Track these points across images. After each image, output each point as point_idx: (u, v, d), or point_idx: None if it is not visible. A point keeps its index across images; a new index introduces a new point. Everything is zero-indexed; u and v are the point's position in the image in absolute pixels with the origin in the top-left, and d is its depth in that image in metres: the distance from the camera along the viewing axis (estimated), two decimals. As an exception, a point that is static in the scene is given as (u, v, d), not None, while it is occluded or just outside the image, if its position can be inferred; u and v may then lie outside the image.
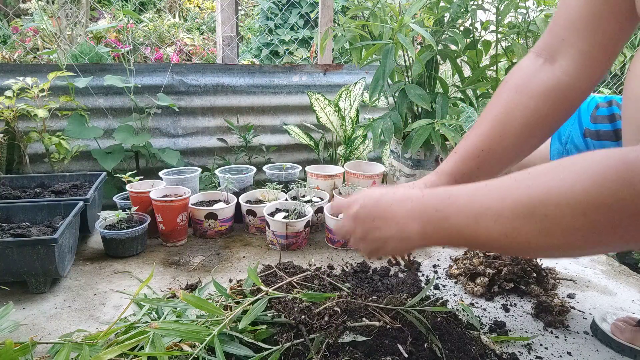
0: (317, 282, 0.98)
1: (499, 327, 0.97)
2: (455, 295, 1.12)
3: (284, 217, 1.35)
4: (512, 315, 1.04)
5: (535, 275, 1.13)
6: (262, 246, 1.38)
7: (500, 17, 1.38)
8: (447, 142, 1.36)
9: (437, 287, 1.15)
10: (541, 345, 0.92)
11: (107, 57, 2.17)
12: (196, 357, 0.71)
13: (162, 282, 1.14)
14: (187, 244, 1.39)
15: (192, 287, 1.09)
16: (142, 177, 1.48)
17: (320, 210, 1.46)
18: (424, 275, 1.22)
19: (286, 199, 1.47)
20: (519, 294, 1.13)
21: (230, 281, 1.15)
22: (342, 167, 1.65)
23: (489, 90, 1.45)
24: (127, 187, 1.39)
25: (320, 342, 0.75)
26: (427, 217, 0.58)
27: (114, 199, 1.46)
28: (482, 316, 1.02)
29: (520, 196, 0.48)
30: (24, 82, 1.48)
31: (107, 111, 1.75)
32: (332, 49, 2.08)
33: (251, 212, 1.45)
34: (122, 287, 1.11)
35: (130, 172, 1.47)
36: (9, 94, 1.46)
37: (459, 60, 1.46)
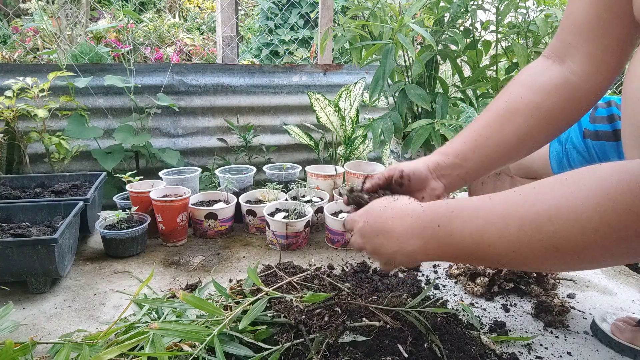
0: (317, 282, 0.98)
1: (499, 327, 0.97)
2: (455, 295, 1.12)
3: (284, 217, 1.35)
4: (512, 315, 1.04)
5: (535, 275, 1.13)
6: (262, 246, 1.38)
7: (500, 17, 1.38)
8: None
9: (437, 287, 1.15)
10: (541, 345, 0.92)
11: (107, 57, 2.17)
12: (196, 357, 0.71)
13: (162, 282, 1.14)
14: (187, 244, 1.39)
15: (192, 287, 1.09)
16: (142, 177, 1.48)
17: (320, 210, 1.46)
18: (424, 275, 1.22)
19: (286, 199, 1.47)
20: (519, 294, 1.13)
21: (230, 281, 1.15)
22: (342, 167, 1.65)
23: (489, 90, 1.45)
24: (127, 187, 1.39)
25: (320, 342, 0.75)
26: (429, 234, 0.57)
27: (114, 199, 1.46)
28: (482, 316, 1.02)
29: (526, 212, 0.47)
30: (24, 82, 1.48)
31: (107, 111, 1.75)
32: (332, 49, 2.08)
33: (251, 212, 1.45)
34: (122, 287, 1.11)
35: (130, 172, 1.47)
36: (9, 94, 1.46)
37: (459, 60, 1.46)
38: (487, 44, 1.49)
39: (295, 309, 0.83)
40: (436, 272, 1.23)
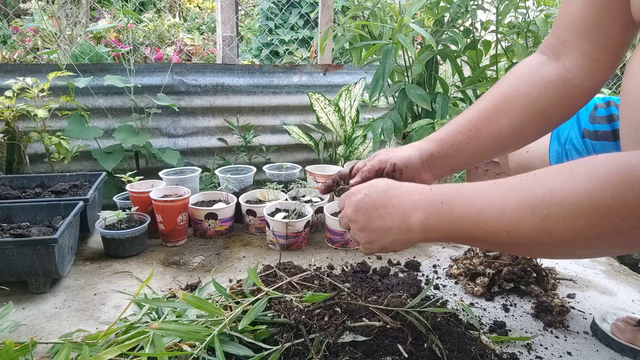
0: (317, 282, 0.98)
1: (499, 327, 0.97)
2: (455, 295, 1.12)
3: (284, 217, 1.35)
4: (512, 315, 1.04)
5: (535, 275, 1.13)
6: (262, 246, 1.38)
7: (500, 17, 1.38)
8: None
9: (437, 287, 1.15)
10: (541, 345, 0.92)
11: (107, 57, 2.17)
12: (196, 357, 0.71)
13: (162, 282, 1.14)
14: (187, 244, 1.39)
15: (192, 287, 1.09)
16: (142, 177, 1.48)
17: (320, 210, 1.46)
18: (424, 275, 1.22)
19: (286, 199, 1.47)
20: (519, 294, 1.13)
21: (230, 281, 1.15)
22: (343, 167, 1.65)
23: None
24: (127, 187, 1.39)
25: (320, 342, 0.75)
26: (431, 208, 0.59)
27: (114, 199, 1.46)
28: (482, 316, 1.02)
29: (523, 194, 0.49)
30: (24, 82, 1.48)
31: (107, 111, 1.75)
32: (332, 49, 2.08)
33: (251, 212, 1.45)
34: (122, 287, 1.11)
35: (130, 172, 1.47)
36: (9, 94, 1.46)
37: (459, 60, 1.46)
38: (487, 44, 1.49)
39: (295, 309, 0.83)
40: (436, 272, 1.23)
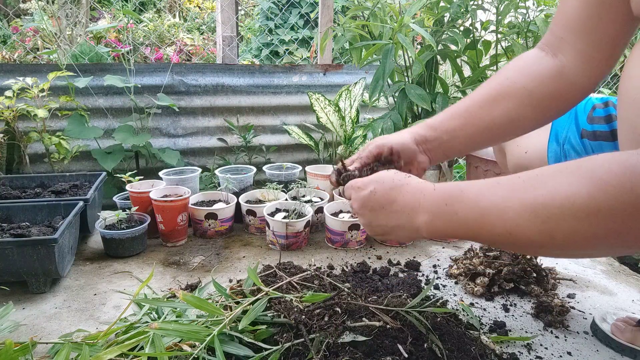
0: (317, 282, 0.98)
1: (499, 327, 0.97)
2: (455, 295, 1.12)
3: (284, 217, 1.35)
4: (512, 315, 1.04)
5: (535, 275, 1.13)
6: (262, 246, 1.38)
7: (500, 17, 1.38)
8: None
9: (437, 287, 1.15)
10: (541, 345, 0.92)
11: (107, 57, 2.17)
12: (196, 357, 0.71)
13: (162, 282, 1.14)
14: (187, 244, 1.39)
15: (192, 287, 1.09)
16: (142, 177, 1.48)
17: (320, 210, 1.46)
18: (424, 275, 1.22)
19: (286, 199, 1.47)
20: (519, 294, 1.13)
21: (230, 281, 1.15)
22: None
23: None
24: (127, 187, 1.39)
25: (320, 342, 0.75)
26: (436, 210, 0.59)
27: (114, 199, 1.46)
28: (482, 316, 1.02)
29: (525, 196, 0.49)
30: (24, 82, 1.48)
31: (107, 111, 1.75)
32: (332, 49, 2.08)
33: (251, 212, 1.45)
34: (122, 287, 1.11)
35: (130, 172, 1.47)
36: (9, 94, 1.46)
37: (459, 60, 1.46)
38: (487, 44, 1.49)
39: (295, 309, 0.83)
40: (436, 272, 1.23)
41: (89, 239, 1.39)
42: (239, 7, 3.94)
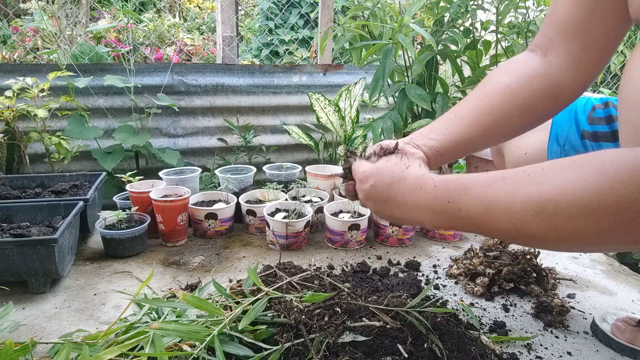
0: (317, 282, 0.98)
1: (499, 327, 0.97)
2: (455, 295, 1.12)
3: (284, 217, 1.35)
4: (512, 315, 1.04)
5: (535, 275, 1.13)
6: (262, 246, 1.38)
7: (500, 17, 1.38)
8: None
9: (437, 287, 1.15)
10: (541, 345, 0.92)
11: (107, 57, 2.17)
12: (196, 357, 0.71)
13: (162, 282, 1.14)
14: (187, 244, 1.39)
15: (192, 287, 1.09)
16: (142, 177, 1.48)
17: (320, 210, 1.46)
18: (424, 275, 1.22)
19: (286, 199, 1.47)
20: (519, 294, 1.13)
21: (230, 281, 1.15)
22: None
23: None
24: (127, 187, 1.39)
25: (320, 342, 0.75)
26: (439, 209, 0.59)
27: (114, 199, 1.46)
28: (482, 316, 1.02)
29: (531, 192, 0.49)
30: (24, 82, 1.48)
31: (107, 111, 1.75)
32: (332, 49, 2.08)
33: (251, 212, 1.45)
34: (122, 287, 1.11)
35: (130, 172, 1.47)
36: (9, 94, 1.46)
37: (459, 60, 1.46)
38: (487, 44, 1.49)
39: (295, 309, 0.83)
40: (436, 272, 1.23)
41: (89, 239, 1.39)
42: (239, 7, 3.94)
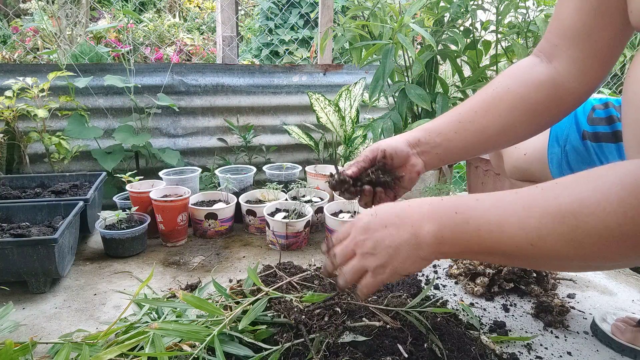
0: (317, 282, 0.98)
1: (499, 327, 0.97)
2: (455, 295, 1.12)
3: (284, 217, 1.35)
4: (512, 315, 1.04)
5: (535, 275, 1.13)
6: (262, 246, 1.38)
7: (500, 17, 1.38)
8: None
9: (437, 287, 1.15)
10: (541, 345, 0.92)
11: (107, 57, 2.17)
12: (196, 357, 0.71)
13: (162, 282, 1.14)
14: (187, 244, 1.39)
15: (192, 287, 1.09)
16: (142, 177, 1.48)
17: (320, 210, 1.46)
18: (424, 275, 1.22)
19: (286, 199, 1.47)
20: (519, 294, 1.13)
21: (230, 281, 1.15)
22: (343, 167, 1.65)
23: (489, 90, 1.45)
24: (127, 187, 1.39)
25: (320, 342, 0.75)
26: (445, 219, 0.54)
27: (114, 199, 1.46)
28: (482, 316, 1.02)
29: (548, 205, 0.47)
30: (24, 82, 1.48)
31: (107, 111, 1.75)
32: (332, 49, 2.08)
33: (251, 212, 1.45)
34: (122, 287, 1.11)
35: (130, 172, 1.47)
36: (9, 94, 1.46)
37: (459, 60, 1.46)
38: (487, 44, 1.49)
39: (295, 309, 0.83)
40: (436, 272, 1.23)
41: (89, 239, 1.39)
42: (239, 7, 3.94)
